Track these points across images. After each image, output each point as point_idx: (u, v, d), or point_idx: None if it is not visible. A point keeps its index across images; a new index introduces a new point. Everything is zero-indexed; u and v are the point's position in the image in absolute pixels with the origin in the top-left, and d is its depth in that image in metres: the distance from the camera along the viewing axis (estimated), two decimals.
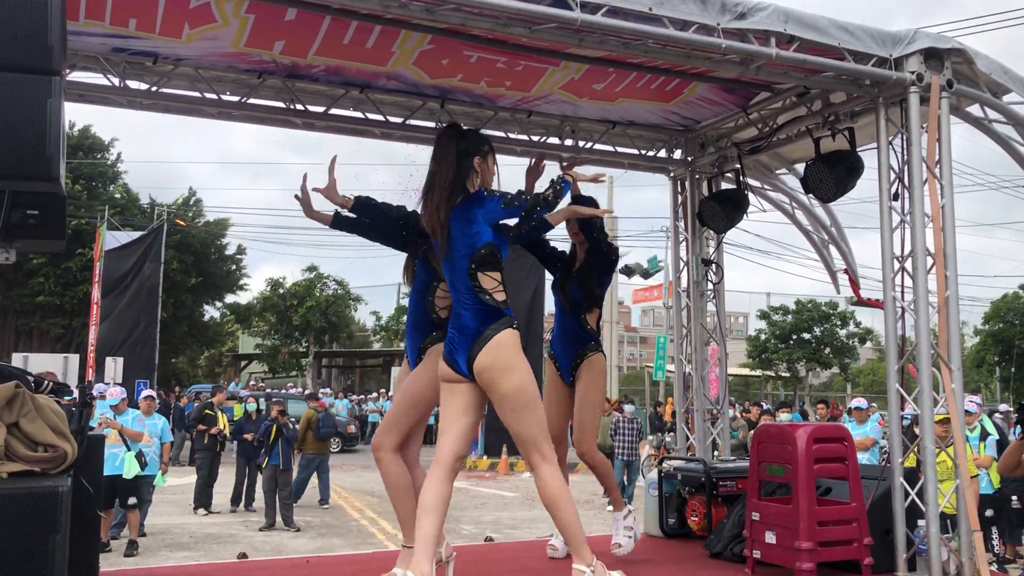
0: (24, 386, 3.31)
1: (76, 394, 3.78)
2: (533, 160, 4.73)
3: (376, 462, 4.48)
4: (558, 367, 5.44)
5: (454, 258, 4.05)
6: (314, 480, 14.08)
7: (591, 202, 5.00)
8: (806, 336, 42.39)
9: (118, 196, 34.64)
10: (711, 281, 7.25)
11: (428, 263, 4.39)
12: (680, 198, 7.42)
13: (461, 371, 4.01)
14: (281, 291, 41.53)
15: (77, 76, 5.79)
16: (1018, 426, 4.88)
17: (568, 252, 5.51)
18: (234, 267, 39.47)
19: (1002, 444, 9.40)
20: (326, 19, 5.02)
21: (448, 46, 5.33)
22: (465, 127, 4.47)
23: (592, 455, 5.39)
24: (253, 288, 49.31)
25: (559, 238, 5.63)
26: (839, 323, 42.57)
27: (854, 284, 7.54)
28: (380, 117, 6.39)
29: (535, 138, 6.90)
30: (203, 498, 13.46)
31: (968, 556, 5.03)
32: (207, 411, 14.16)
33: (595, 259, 5.36)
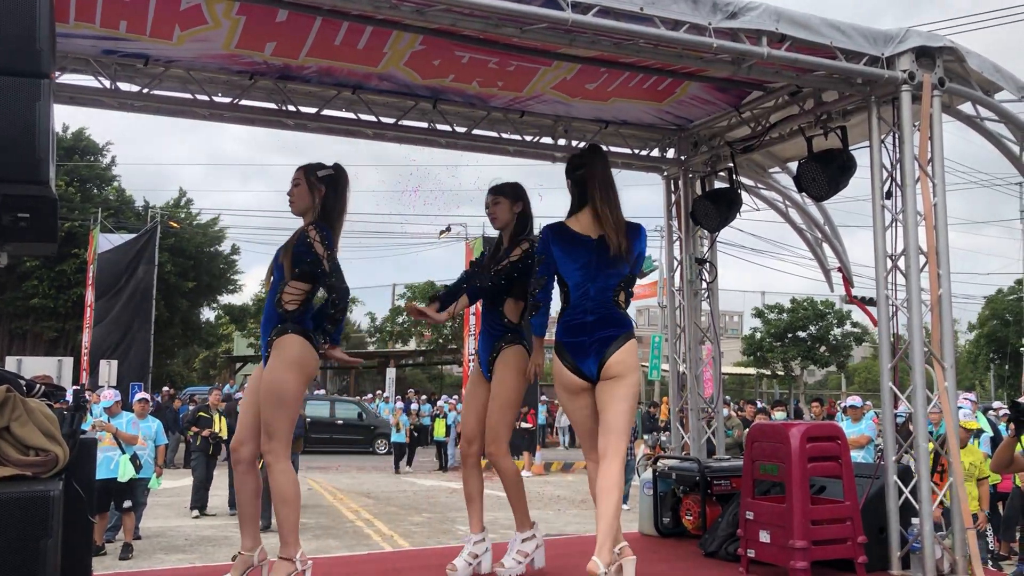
0: (15, 390, 3.30)
1: (71, 397, 3.77)
2: None
3: (234, 471, 4.69)
4: (480, 362, 5.14)
5: (609, 272, 4.43)
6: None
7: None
8: (801, 334, 42.45)
9: (112, 198, 34.55)
10: (705, 280, 7.25)
11: (281, 266, 4.50)
12: (673, 197, 7.43)
13: (590, 375, 4.37)
14: None
15: (68, 79, 5.78)
16: (1011, 423, 4.89)
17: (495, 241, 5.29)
18: (227, 267, 39.37)
19: (996, 441, 9.44)
20: (317, 20, 5.01)
21: (440, 47, 5.33)
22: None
23: (500, 458, 4.90)
24: (246, 289, 49.27)
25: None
26: (835, 321, 42.63)
27: (847, 283, 7.54)
28: (372, 118, 6.39)
29: (528, 138, 6.90)
30: (198, 500, 13.42)
31: (962, 554, 5.05)
32: (202, 413, 14.12)
33: (524, 262, 4.96)
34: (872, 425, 11.44)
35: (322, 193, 4.55)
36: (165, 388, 27.53)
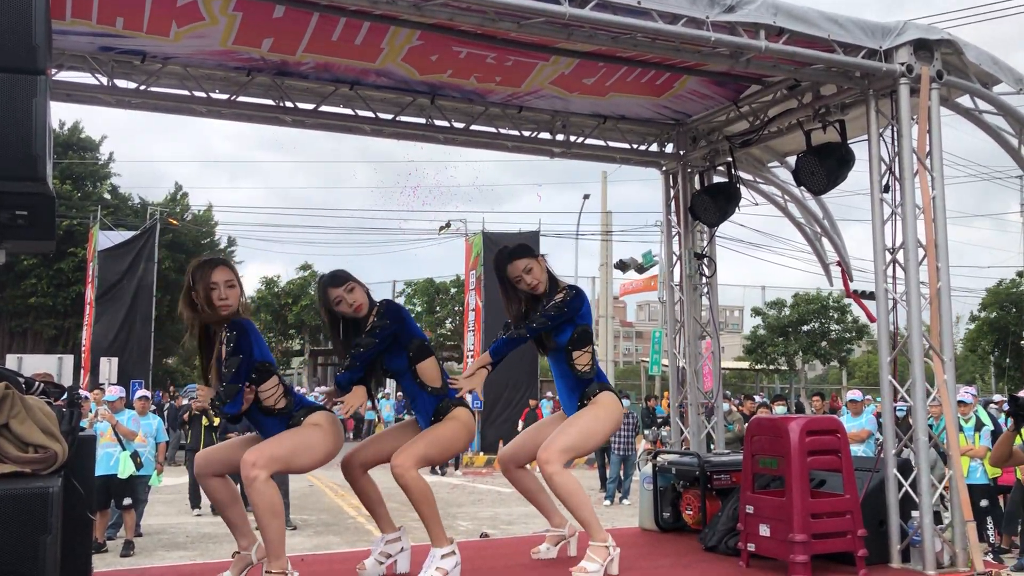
0: (14, 387, 3.29)
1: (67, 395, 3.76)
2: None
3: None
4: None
5: None
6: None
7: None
8: (803, 329, 42.41)
9: (107, 196, 34.53)
10: (704, 275, 7.25)
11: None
12: (672, 192, 7.42)
13: None
14: (276, 290, 41.52)
15: (65, 75, 5.77)
16: (1010, 417, 4.89)
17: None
18: None
19: (997, 434, 9.43)
20: (314, 16, 5.00)
21: (437, 42, 5.32)
22: None
23: (409, 472, 4.57)
24: (244, 285, 49.19)
25: None
26: (836, 316, 42.59)
27: (846, 278, 7.54)
28: (370, 114, 6.38)
29: (526, 133, 6.89)
30: (195, 496, 13.36)
31: (962, 546, 5.05)
32: (194, 414, 13.93)
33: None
34: (873, 419, 11.44)
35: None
36: (170, 387, 27.55)
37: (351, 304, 4.59)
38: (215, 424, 13.45)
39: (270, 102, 6.18)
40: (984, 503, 9.69)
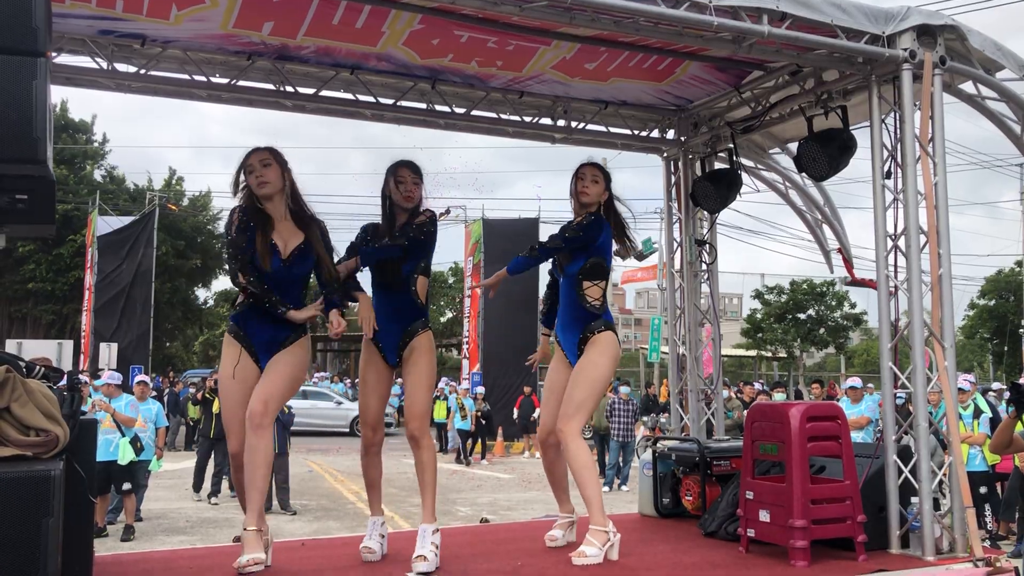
0: (15, 371, 3.29)
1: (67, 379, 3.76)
2: None
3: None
4: (380, 349, 4.84)
5: None
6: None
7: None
8: (801, 316, 42.46)
9: (103, 180, 34.44)
10: (704, 262, 7.24)
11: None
12: (673, 178, 7.40)
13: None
14: None
15: (65, 59, 5.74)
16: (1011, 404, 4.90)
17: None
18: (223, 247, 39.29)
19: (995, 422, 9.46)
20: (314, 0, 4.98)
21: (438, 26, 5.29)
22: None
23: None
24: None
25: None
26: (834, 303, 42.63)
27: (847, 263, 7.53)
28: (371, 98, 6.35)
29: (527, 119, 6.87)
30: (198, 482, 13.38)
31: (961, 533, 5.06)
32: (207, 395, 13.92)
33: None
34: (875, 407, 11.45)
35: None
36: (169, 373, 27.56)
37: (405, 194, 4.75)
38: None
39: (270, 86, 6.15)
40: (983, 490, 9.73)
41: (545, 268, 5.40)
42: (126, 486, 10.16)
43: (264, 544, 4.32)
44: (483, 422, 20.01)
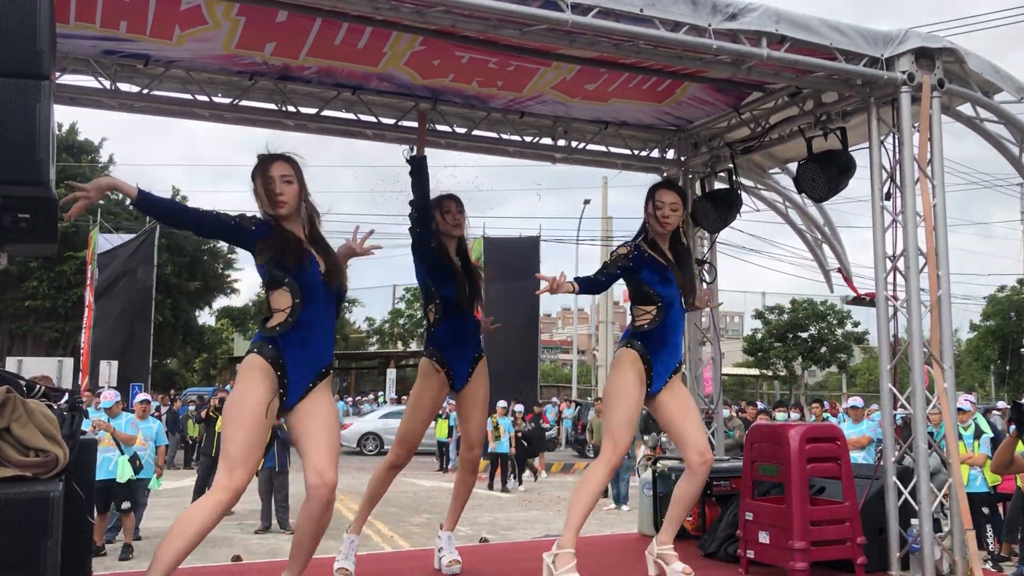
0: (15, 391, 3.30)
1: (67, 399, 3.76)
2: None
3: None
4: (450, 374, 4.92)
5: None
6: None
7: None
8: (803, 335, 42.43)
9: (105, 200, 34.52)
10: (705, 281, 7.24)
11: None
12: None
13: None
14: None
15: (68, 79, 5.78)
16: (1011, 424, 4.89)
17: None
18: (224, 267, 39.38)
19: (996, 442, 9.42)
20: (317, 21, 5.01)
21: (439, 47, 5.33)
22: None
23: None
24: (243, 289, 49.39)
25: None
26: (836, 322, 42.60)
27: (849, 282, 7.55)
28: (372, 118, 6.39)
29: (528, 139, 6.90)
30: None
31: (961, 555, 5.05)
32: (210, 414, 13.79)
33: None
34: (875, 426, 11.42)
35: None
36: (170, 391, 27.51)
37: (453, 223, 4.95)
38: None
39: (272, 106, 6.19)
40: (984, 511, 9.70)
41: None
42: (125, 504, 10.13)
43: None
44: (524, 444, 18.21)
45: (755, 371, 45.36)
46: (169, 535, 3.69)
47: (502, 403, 18.46)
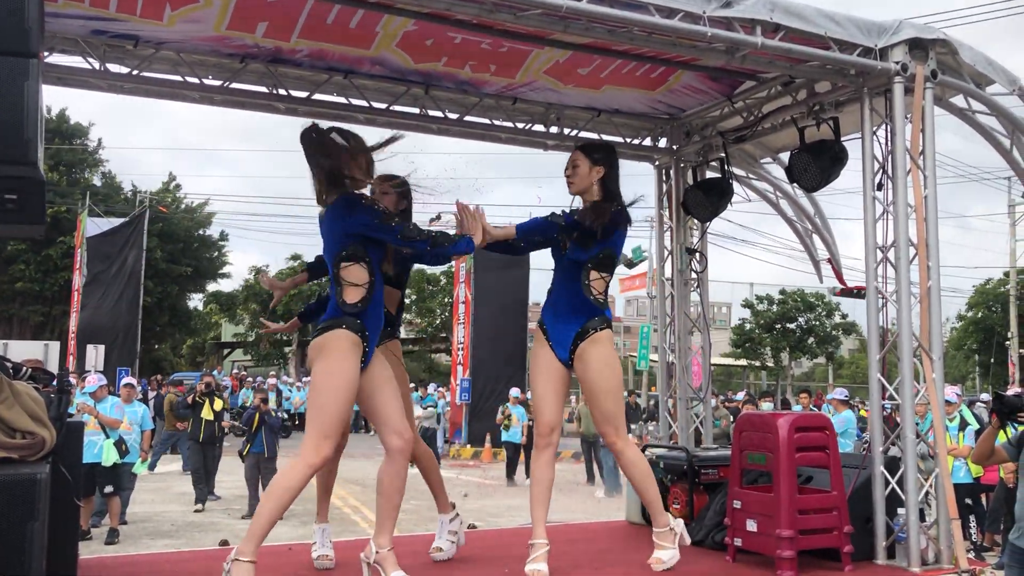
0: (2, 373, 3.27)
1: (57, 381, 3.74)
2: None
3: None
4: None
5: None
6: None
7: None
8: (790, 325, 42.61)
9: (97, 183, 34.36)
10: (695, 270, 7.25)
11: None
12: (665, 187, 7.42)
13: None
14: None
15: (56, 59, 5.71)
16: (992, 414, 4.92)
17: None
18: (216, 253, 39.25)
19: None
20: (309, 1, 4.97)
21: (432, 27, 5.28)
22: None
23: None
24: (233, 275, 49.21)
25: None
26: (824, 313, 42.79)
27: (838, 273, 7.57)
28: (364, 103, 6.34)
29: (520, 125, 6.87)
30: (200, 492, 13.04)
31: (946, 544, 5.08)
32: (197, 400, 13.70)
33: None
34: (843, 421, 11.37)
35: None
36: (156, 376, 27.41)
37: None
38: (219, 410, 13.26)
39: (263, 89, 6.14)
40: (968, 501, 9.77)
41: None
42: (109, 488, 10.10)
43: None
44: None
45: (743, 362, 45.53)
46: (266, 497, 4.22)
47: (515, 392, 18.03)
